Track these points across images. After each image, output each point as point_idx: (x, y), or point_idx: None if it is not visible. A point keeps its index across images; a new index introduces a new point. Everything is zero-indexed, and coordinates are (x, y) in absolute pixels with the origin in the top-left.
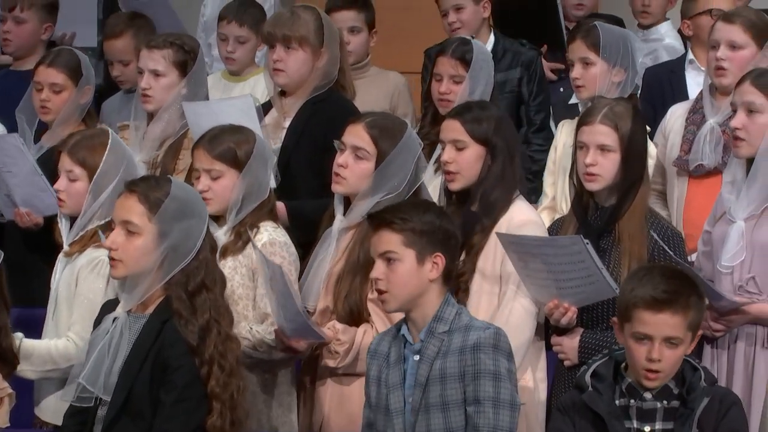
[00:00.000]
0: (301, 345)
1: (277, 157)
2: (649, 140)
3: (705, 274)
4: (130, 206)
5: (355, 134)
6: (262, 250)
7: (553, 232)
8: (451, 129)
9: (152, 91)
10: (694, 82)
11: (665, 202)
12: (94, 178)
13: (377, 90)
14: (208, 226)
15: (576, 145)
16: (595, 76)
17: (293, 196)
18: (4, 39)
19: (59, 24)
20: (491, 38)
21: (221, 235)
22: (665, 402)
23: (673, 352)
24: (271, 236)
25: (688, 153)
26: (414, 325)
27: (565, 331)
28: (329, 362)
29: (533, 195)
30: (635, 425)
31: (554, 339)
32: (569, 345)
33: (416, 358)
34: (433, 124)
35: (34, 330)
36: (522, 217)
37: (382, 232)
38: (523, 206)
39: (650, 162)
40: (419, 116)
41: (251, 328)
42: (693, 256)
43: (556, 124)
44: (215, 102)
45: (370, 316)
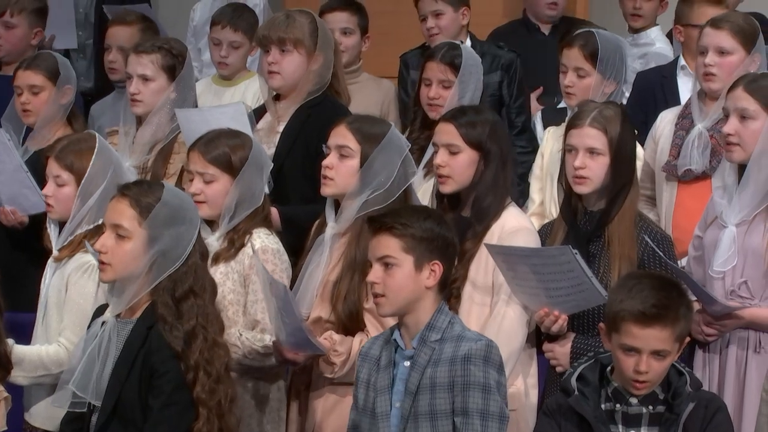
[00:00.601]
0: (299, 357)
1: None
2: (637, 143)
3: (696, 279)
4: (122, 210)
5: (337, 134)
6: (255, 257)
7: (543, 236)
8: (445, 132)
9: (141, 96)
10: (686, 87)
11: (654, 207)
12: (82, 182)
13: (368, 97)
14: (199, 232)
15: (565, 148)
16: (588, 87)
17: (286, 202)
18: None
19: None
20: (468, 43)
21: (213, 241)
22: (651, 407)
23: (660, 363)
24: (263, 243)
25: (677, 158)
26: (407, 331)
27: (556, 336)
28: (326, 373)
29: (521, 198)
30: (621, 430)
31: (546, 345)
32: (561, 351)
33: (407, 364)
34: (423, 129)
35: (23, 336)
36: (514, 224)
37: (382, 236)
38: (515, 213)
39: (638, 164)
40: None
41: (241, 335)
42: (683, 261)
43: (545, 127)
44: (208, 109)
45: (366, 326)
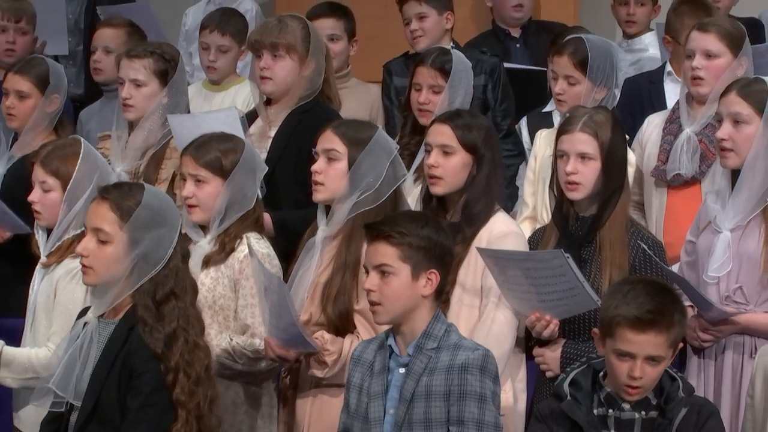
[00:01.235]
0: (291, 354)
1: None
2: (628, 149)
3: None
4: (102, 214)
5: (324, 138)
6: (245, 261)
7: (534, 241)
8: (440, 133)
9: (133, 101)
10: (673, 93)
11: (642, 213)
12: (68, 187)
13: (357, 102)
14: (180, 234)
15: (556, 153)
16: (579, 94)
17: (278, 207)
18: (9, 50)
19: None
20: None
21: (205, 244)
22: (643, 413)
23: (654, 369)
24: (254, 247)
25: (666, 163)
26: (402, 338)
27: (546, 341)
28: (317, 372)
29: (509, 201)
30: None
31: (536, 350)
32: (551, 356)
33: (402, 371)
34: (413, 134)
35: (12, 341)
36: (503, 228)
37: (379, 244)
38: (502, 217)
39: (630, 170)
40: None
41: (231, 340)
42: (675, 267)
43: (530, 132)
44: (200, 114)
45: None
